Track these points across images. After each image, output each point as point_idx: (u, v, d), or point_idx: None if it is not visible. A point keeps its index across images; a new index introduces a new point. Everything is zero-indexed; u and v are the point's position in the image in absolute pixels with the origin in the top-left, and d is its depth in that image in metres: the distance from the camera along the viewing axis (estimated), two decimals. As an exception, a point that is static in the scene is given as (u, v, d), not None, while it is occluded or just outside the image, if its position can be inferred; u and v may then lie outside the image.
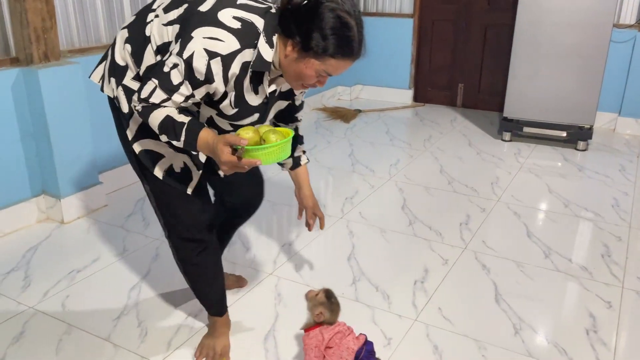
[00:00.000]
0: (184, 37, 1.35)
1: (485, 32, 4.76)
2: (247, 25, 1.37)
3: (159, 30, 1.44)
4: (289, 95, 1.65)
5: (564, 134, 3.92)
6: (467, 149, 3.93)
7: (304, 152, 1.87)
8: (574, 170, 3.55)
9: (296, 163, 1.85)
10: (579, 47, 3.72)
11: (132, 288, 2.20)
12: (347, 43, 1.34)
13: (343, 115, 4.65)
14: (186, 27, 1.37)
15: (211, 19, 1.35)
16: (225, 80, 1.37)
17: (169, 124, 1.39)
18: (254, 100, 1.47)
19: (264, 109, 1.52)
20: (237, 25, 1.35)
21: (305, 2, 1.33)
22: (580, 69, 3.76)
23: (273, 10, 1.41)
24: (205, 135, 1.37)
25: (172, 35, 1.42)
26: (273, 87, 1.48)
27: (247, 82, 1.41)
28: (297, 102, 1.73)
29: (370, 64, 5.18)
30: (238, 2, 1.41)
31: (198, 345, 1.83)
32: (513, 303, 2.13)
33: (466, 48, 4.88)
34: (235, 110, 1.46)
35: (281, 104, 1.67)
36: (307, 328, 1.64)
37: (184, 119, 1.39)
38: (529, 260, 2.44)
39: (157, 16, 1.47)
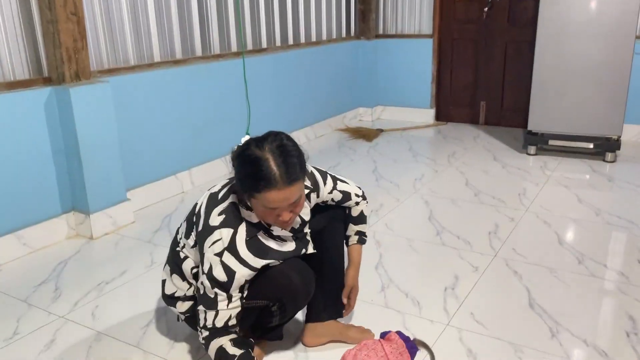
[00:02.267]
0: (201, 257, 1.57)
1: (506, 49, 4.78)
2: (227, 210, 1.56)
3: (190, 252, 1.68)
4: (307, 216, 1.71)
5: (591, 145, 3.86)
6: (492, 163, 3.89)
7: (360, 233, 1.92)
8: (603, 181, 3.48)
9: (347, 242, 1.93)
10: (601, 60, 3.70)
11: (161, 298, 2.20)
12: (262, 177, 1.41)
13: (365, 134, 4.67)
14: (199, 247, 1.59)
15: (207, 230, 1.55)
16: (243, 262, 1.53)
17: (222, 355, 1.56)
18: (286, 246, 1.64)
19: (301, 245, 1.69)
20: (222, 218, 1.55)
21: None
22: (604, 81, 3.73)
23: (231, 193, 1.59)
24: None
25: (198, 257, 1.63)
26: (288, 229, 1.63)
27: (266, 242, 1.58)
28: (334, 196, 1.79)
29: (390, 85, 5.22)
30: (220, 196, 1.60)
31: None
32: (548, 307, 2.07)
33: (487, 65, 4.89)
34: (281, 259, 1.61)
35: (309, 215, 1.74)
36: None
37: (236, 351, 1.56)
38: (562, 266, 2.38)
39: (183, 245, 1.70)
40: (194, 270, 1.70)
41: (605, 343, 1.85)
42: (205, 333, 1.60)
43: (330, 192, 1.78)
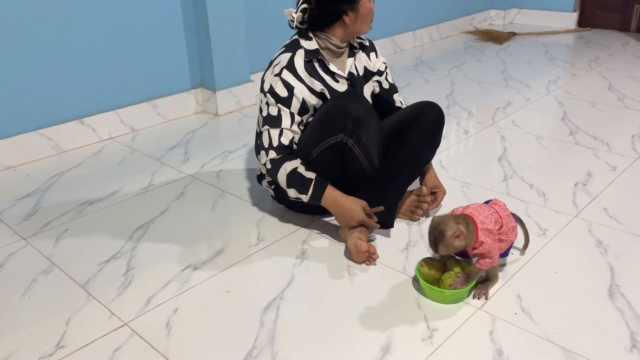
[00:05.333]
0: (262, 87, 1.75)
1: (677, -60, 4.07)
2: (287, 44, 1.74)
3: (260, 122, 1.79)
4: (368, 75, 1.85)
5: None
6: (643, 69, 3.45)
7: None
8: None
9: None
10: None
11: (279, 168, 2.27)
12: None
13: (495, 37, 4.32)
14: (262, 86, 1.76)
15: (269, 65, 1.77)
16: (299, 78, 1.68)
17: (296, 178, 1.66)
18: (338, 86, 1.75)
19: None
20: (282, 50, 1.74)
21: (313, 4, 1.66)
22: None
23: (295, 34, 1.76)
24: (332, 192, 1.67)
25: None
26: (348, 69, 1.78)
27: (321, 72, 1.72)
28: (385, 85, 1.90)
29: (529, -16, 4.73)
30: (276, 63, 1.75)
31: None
32: (698, 211, 1.84)
33: (650, -39, 4.22)
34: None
35: (368, 89, 1.85)
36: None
37: (312, 175, 1.66)
38: None
39: (258, 121, 1.83)
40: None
41: None
42: (272, 154, 1.68)
43: (383, 70, 1.89)
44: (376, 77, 1.88)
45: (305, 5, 1.68)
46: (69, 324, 1.42)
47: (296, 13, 1.69)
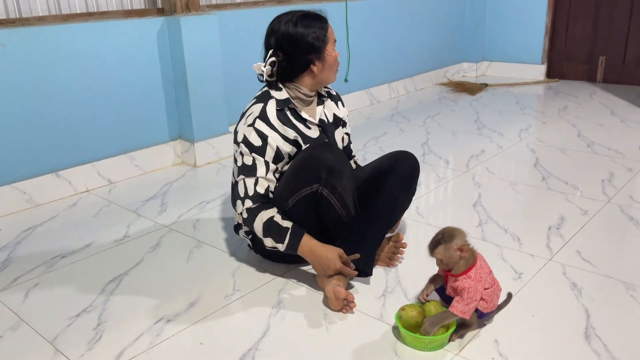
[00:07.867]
0: (236, 138, 1.77)
1: (634, -3, 4.32)
2: (258, 96, 1.78)
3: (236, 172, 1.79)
4: (338, 122, 1.91)
5: None
6: (610, 117, 3.57)
7: None
8: None
9: None
10: None
11: (256, 218, 2.26)
12: (320, 25, 1.74)
13: (468, 88, 4.47)
14: (235, 137, 1.78)
15: (241, 116, 1.79)
16: (272, 127, 1.71)
17: (273, 227, 1.66)
18: (311, 132, 1.79)
19: (323, 138, 1.81)
20: (253, 101, 1.77)
21: (281, 57, 1.72)
22: None
23: (265, 86, 1.80)
24: (308, 241, 1.67)
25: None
26: (319, 117, 1.83)
27: (293, 120, 1.75)
28: (347, 130, 1.97)
29: (498, 38, 4.93)
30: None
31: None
32: (669, 252, 1.87)
33: (610, 15, 4.45)
34: (306, 143, 1.75)
35: (339, 135, 1.91)
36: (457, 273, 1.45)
37: (288, 223, 1.66)
38: (688, 215, 2.14)
39: (233, 172, 1.84)
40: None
41: None
42: (249, 203, 1.68)
43: (346, 121, 1.96)
44: (341, 128, 1.93)
45: (273, 59, 1.73)
46: (35, 382, 1.36)
47: (265, 67, 1.74)
